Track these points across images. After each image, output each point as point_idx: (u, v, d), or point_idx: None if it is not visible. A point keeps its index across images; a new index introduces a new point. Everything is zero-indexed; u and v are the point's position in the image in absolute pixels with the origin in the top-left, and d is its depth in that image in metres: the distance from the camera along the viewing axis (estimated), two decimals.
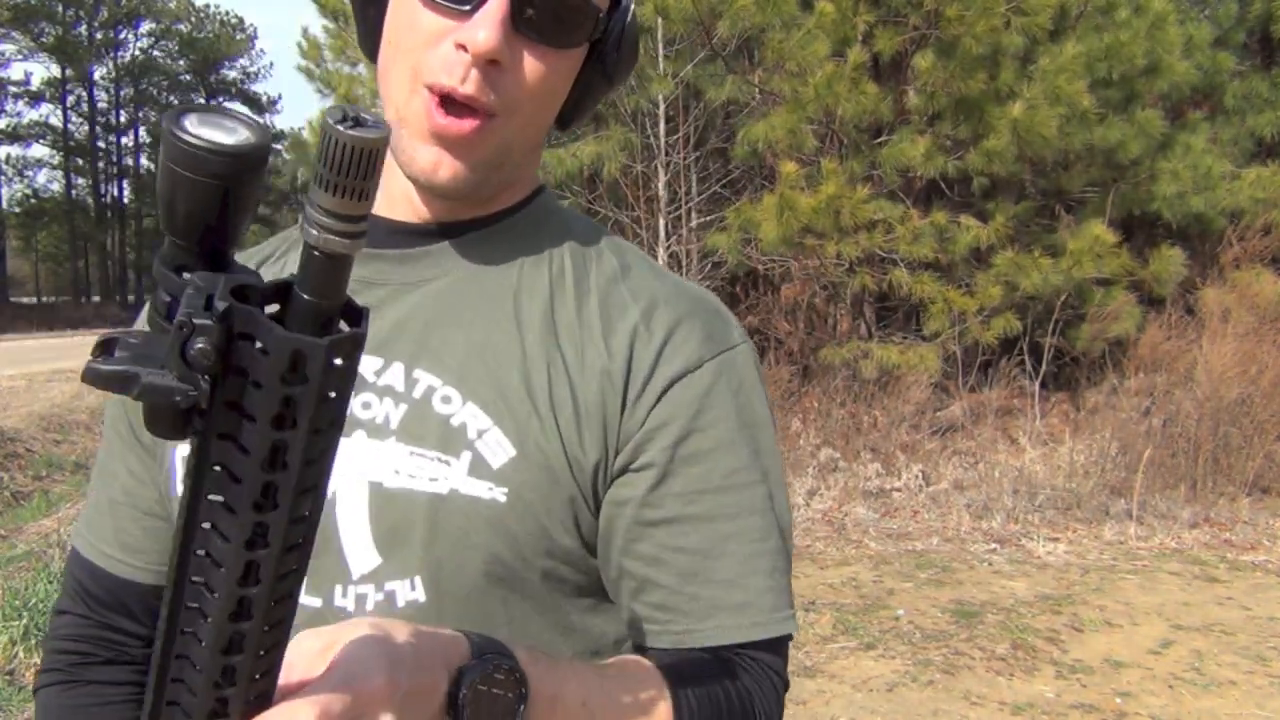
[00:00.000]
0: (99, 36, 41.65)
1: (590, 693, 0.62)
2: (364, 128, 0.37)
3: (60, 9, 39.35)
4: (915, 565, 5.41)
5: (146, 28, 43.41)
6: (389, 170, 0.77)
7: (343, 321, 0.42)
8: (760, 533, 0.74)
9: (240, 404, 0.40)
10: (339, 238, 0.38)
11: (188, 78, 44.89)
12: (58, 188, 42.58)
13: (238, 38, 44.73)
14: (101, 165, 43.27)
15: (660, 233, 8.34)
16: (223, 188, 0.39)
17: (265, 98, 46.48)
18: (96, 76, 42.20)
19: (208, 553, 0.44)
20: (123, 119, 43.52)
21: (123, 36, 42.71)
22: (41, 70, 53.87)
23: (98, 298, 42.19)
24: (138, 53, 43.40)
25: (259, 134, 0.40)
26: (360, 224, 0.38)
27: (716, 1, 7.43)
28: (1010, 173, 7.82)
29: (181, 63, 44.45)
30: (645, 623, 0.74)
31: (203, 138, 0.38)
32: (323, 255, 0.39)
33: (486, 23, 0.68)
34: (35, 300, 44.40)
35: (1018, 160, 7.64)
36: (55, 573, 4.43)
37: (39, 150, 54.10)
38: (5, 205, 41.38)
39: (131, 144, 44.44)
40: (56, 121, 41.31)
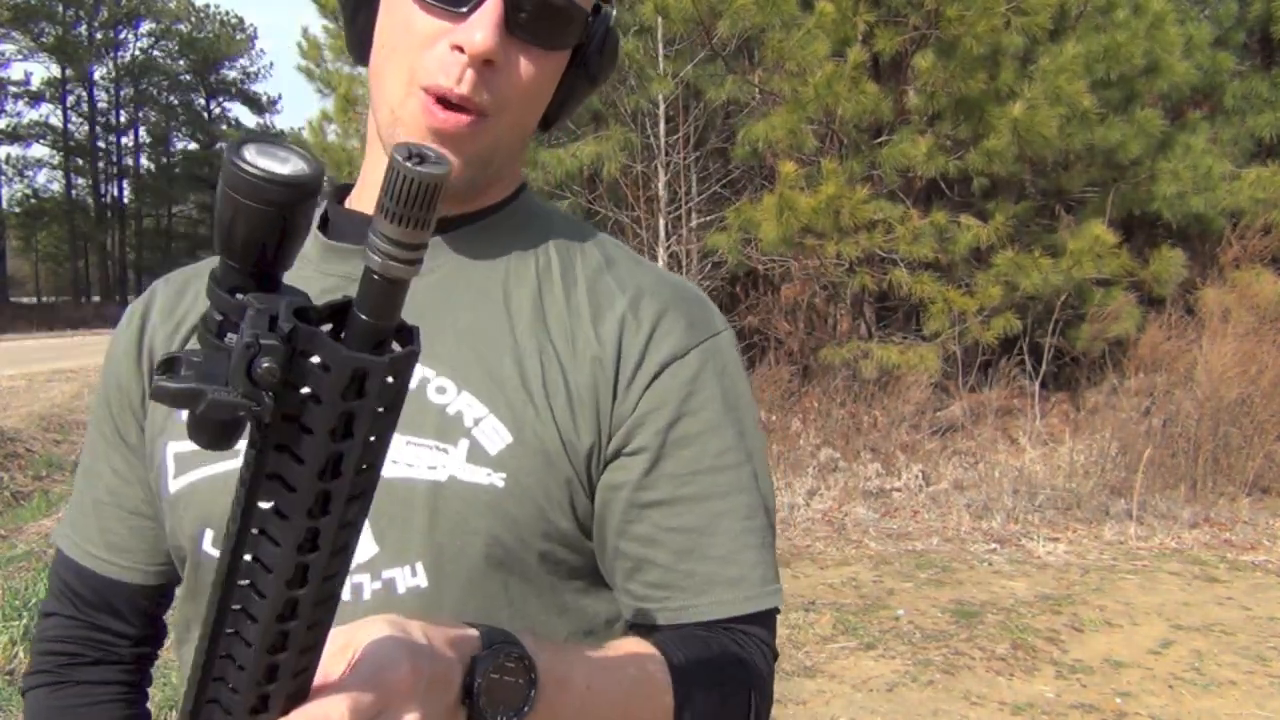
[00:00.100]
0: (99, 36, 41.67)
1: (594, 675, 0.65)
2: (428, 164, 0.39)
3: (60, 9, 39.37)
4: (915, 565, 5.41)
5: (146, 28, 43.47)
6: (374, 173, 0.79)
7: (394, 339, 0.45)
8: (748, 510, 0.77)
9: (299, 417, 0.43)
10: (400, 264, 0.40)
11: (188, 78, 44.92)
12: (58, 188, 42.64)
13: (238, 38, 44.76)
14: (101, 165, 43.29)
15: (660, 233, 8.34)
16: (278, 214, 0.42)
17: (265, 98, 46.58)
18: (96, 76, 42.26)
19: (256, 557, 0.46)
20: (123, 119, 43.56)
21: (123, 36, 42.75)
22: (41, 70, 53.90)
23: (98, 298, 42.19)
24: (138, 53, 43.45)
25: (312, 165, 0.43)
26: (420, 252, 0.41)
27: (716, 1, 7.43)
28: (1010, 173, 7.83)
29: (181, 63, 44.48)
30: (643, 602, 0.76)
31: (261, 167, 0.41)
32: (383, 280, 0.41)
33: (483, 24, 0.70)
34: (35, 300, 44.41)
35: (1018, 160, 7.64)
36: None
37: (39, 150, 54.15)
38: (5, 205, 41.41)
39: (131, 144, 44.49)
40: (56, 121, 41.38)
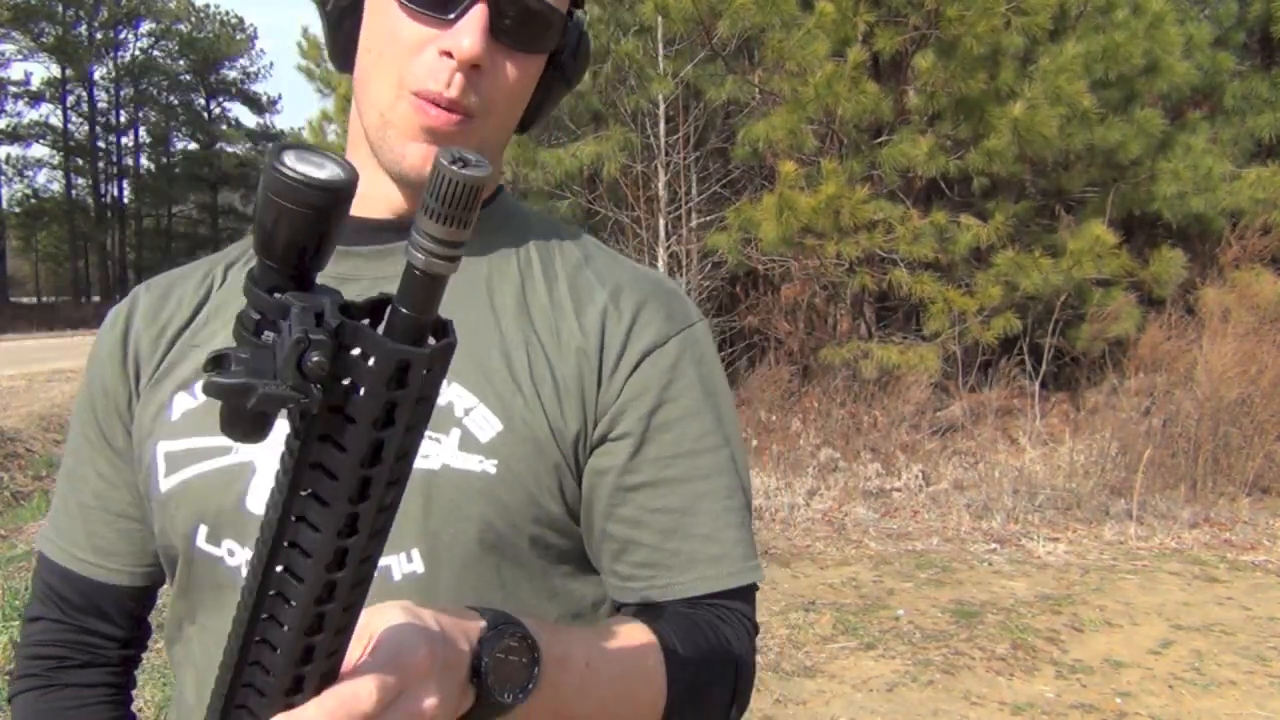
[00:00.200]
0: (99, 36, 41.66)
1: (592, 653, 0.68)
2: (470, 167, 0.42)
3: (60, 9, 39.36)
4: (915, 565, 5.41)
5: (146, 28, 43.45)
6: (365, 173, 0.81)
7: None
8: (728, 490, 0.81)
9: (343, 408, 0.45)
10: (443, 261, 0.43)
11: (188, 78, 44.91)
12: (58, 188, 42.62)
13: (238, 38, 44.76)
14: (101, 165, 43.27)
15: (660, 233, 8.34)
16: (317, 217, 0.44)
17: (265, 98, 46.59)
18: (96, 76, 42.24)
19: (294, 543, 0.48)
20: (123, 119, 43.54)
21: (123, 36, 42.73)
22: (41, 70, 53.93)
23: (98, 298, 42.17)
24: (138, 53, 43.42)
25: (347, 170, 0.45)
26: (460, 249, 0.43)
27: (716, 1, 7.43)
28: (1010, 172, 7.83)
29: (181, 63, 44.47)
30: (630, 581, 0.79)
31: (300, 172, 0.43)
32: (425, 275, 0.43)
33: (470, 31, 0.73)
34: (35, 300, 44.42)
35: (1018, 160, 7.64)
36: None
37: (39, 150, 54.16)
38: (5, 205, 41.40)
39: (131, 144, 44.48)
40: (56, 121, 41.36)
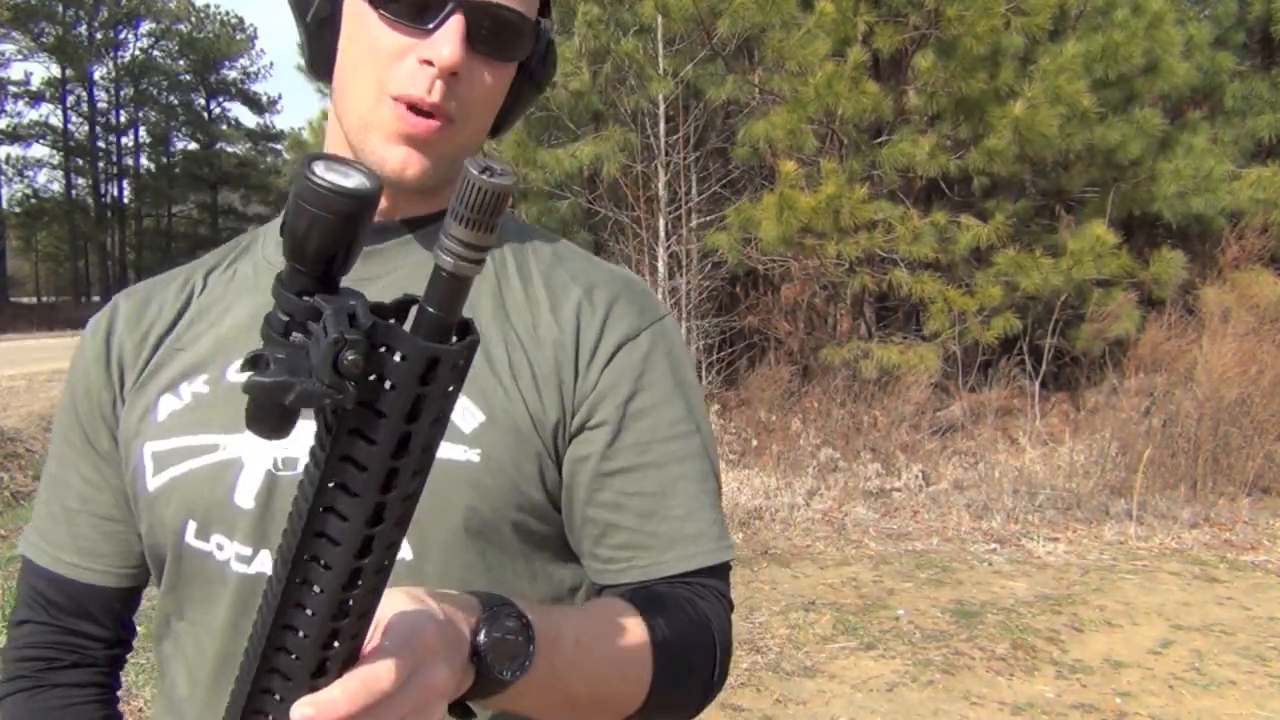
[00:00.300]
0: (99, 36, 41.65)
1: (581, 631, 0.71)
2: (497, 176, 0.44)
3: (60, 9, 39.34)
4: (915, 565, 5.41)
5: (146, 28, 43.42)
6: None
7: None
8: (701, 474, 0.85)
9: (373, 403, 0.47)
10: (470, 264, 0.45)
11: (188, 78, 44.90)
12: (58, 188, 42.60)
13: (238, 38, 44.72)
14: (101, 165, 43.25)
15: (660, 233, 8.34)
16: (344, 223, 0.47)
17: (265, 98, 46.62)
18: (96, 76, 42.22)
19: (322, 532, 0.50)
20: (123, 119, 43.52)
21: (123, 36, 42.71)
22: (41, 70, 53.95)
23: (98, 298, 42.14)
24: (138, 53, 43.39)
25: (372, 179, 0.48)
26: (485, 253, 0.45)
27: (717, 1, 7.43)
28: (1010, 172, 7.83)
29: (181, 63, 44.45)
30: (611, 563, 0.83)
31: (330, 181, 0.46)
32: (453, 277, 0.45)
33: (449, 40, 0.76)
34: (35, 300, 44.41)
35: (1018, 160, 7.64)
36: None
37: (39, 150, 54.18)
38: (5, 205, 41.38)
39: (131, 144, 44.45)
40: (56, 121, 41.33)
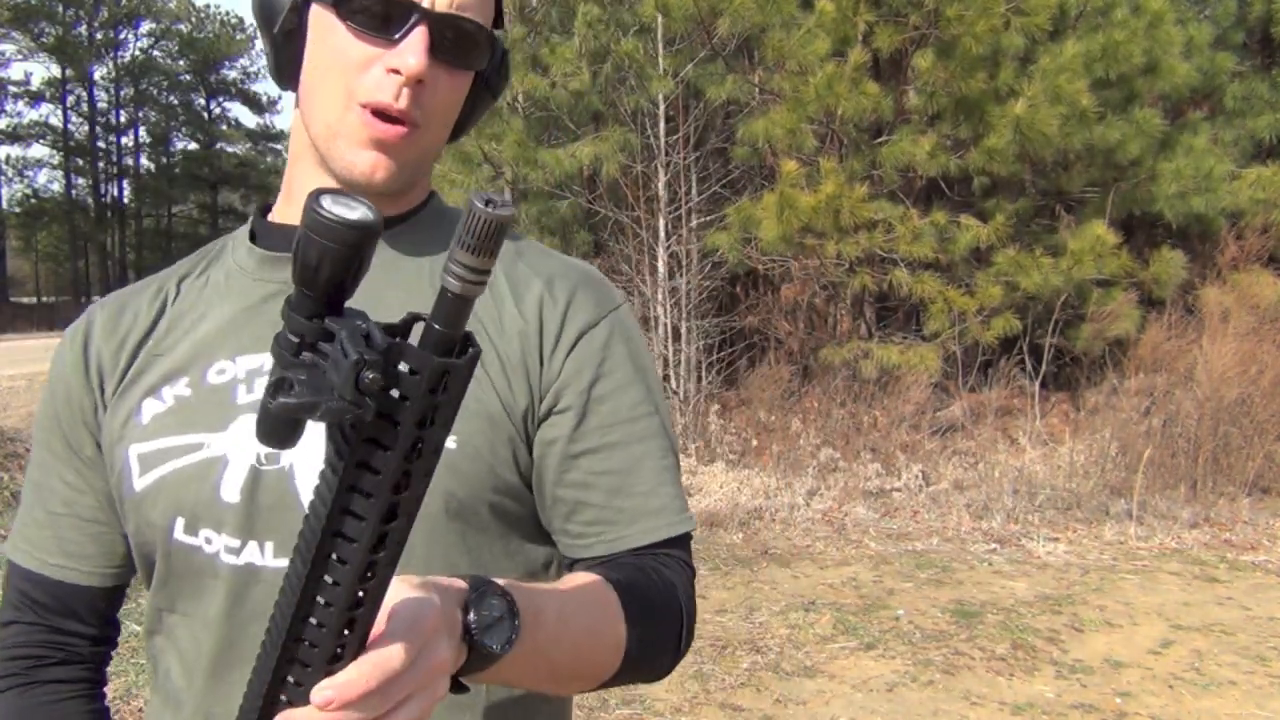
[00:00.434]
0: (99, 36, 41.65)
1: (562, 605, 0.75)
2: (499, 207, 0.48)
3: (60, 9, 39.34)
4: (915, 565, 5.41)
5: (146, 28, 43.43)
6: (312, 183, 0.88)
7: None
8: (661, 451, 0.90)
9: (388, 414, 0.51)
10: (475, 285, 0.49)
11: (188, 78, 44.90)
12: (58, 188, 42.61)
13: (238, 38, 44.70)
14: (101, 165, 43.25)
15: (660, 233, 8.34)
16: (351, 253, 0.51)
17: (265, 98, 46.52)
18: (96, 76, 42.22)
19: (340, 532, 0.54)
20: (123, 119, 43.52)
21: (123, 36, 42.71)
22: (41, 70, 53.96)
23: (98, 297, 41.89)
24: (138, 53, 43.40)
25: (374, 211, 0.51)
26: (487, 275, 0.49)
27: (717, 0, 7.43)
28: (1010, 172, 7.82)
29: (181, 63, 44.45)
30: (580, 539, 0.88)
31: (336, 214, 0.50)
32: (459, 298, 0.49)
33: (415, 50, 0.80)
34: (35, 300, 44.39)
35: (1018, 159, 7.64)
36: None
37: (39, 150, 54.15)
38: (5, 205, 41.39)
39: (131, 144, 44.45)
40: (56, 121, 41.34)
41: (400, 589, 0.61)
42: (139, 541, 0.88)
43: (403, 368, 0.51)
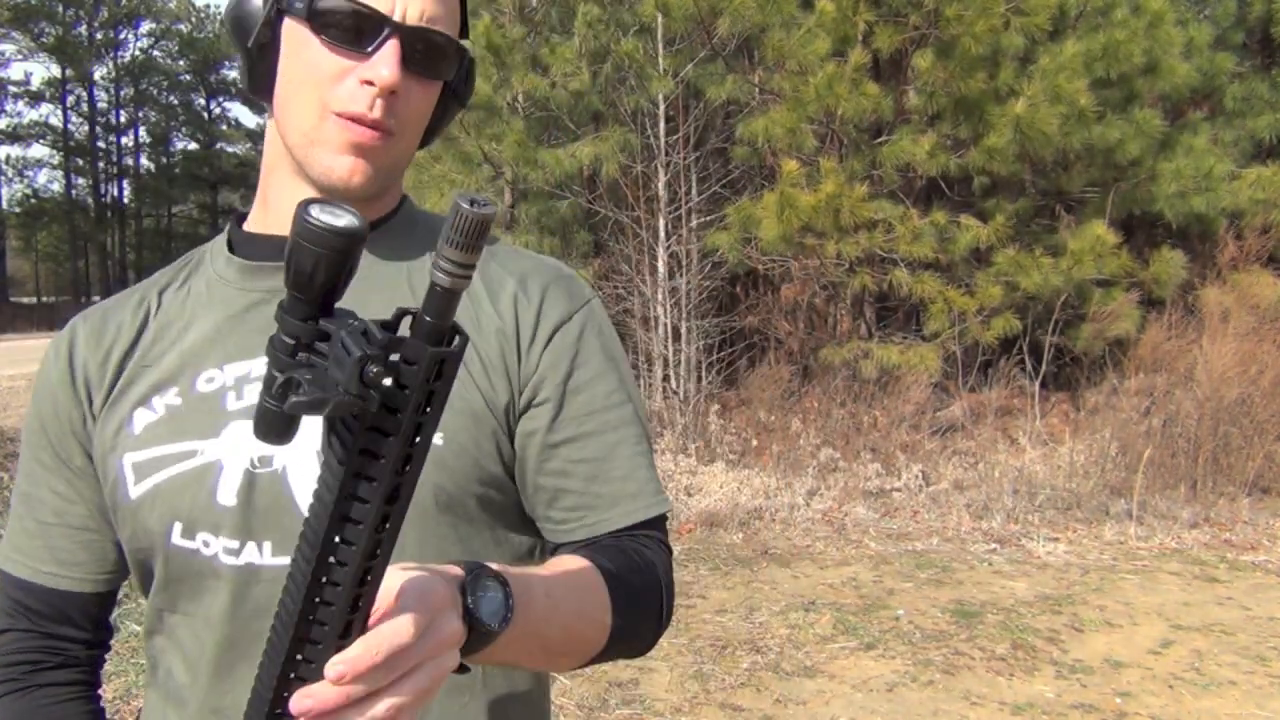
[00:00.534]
0: (99, 36, 41.64)
1: (550, 586, 0.78)
2: (482, 207, 0.51)
3: (60, 9, 39.34)
4: (915, 565, 5.41)
5: (146, 28, 43.43)
6: (289, 196, 0.91)
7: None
8: (635, 438, 0.94)
9: (389, 403, 0.54)
10: (462, 279, 0.52)
11: (188, 78, 44.89)
12: (58, 188, 42.60)
13: None
14: (101, 165, 43.25)
15: (660, 233, 8.33)
16: (340, 258, 0.54)
17: None
18: (96, 76, 42.20)
19: (347, 516, 0.57)
20: (123, 119, 43.52)
21: (123, 36, 42.71)
22: (41, 70, 53.95)
23: (98, 297, 41.97)
24: (138, 53, 43.40)
25: (360, 219, 0.54)
26: (473, 270, 0.52)
27: (717, 0, 7.43)
28: (1010, 172, 7.82)
29: (181, 63, 44.45)
30: (563, 524, 0.92)
31: (324, 222, 0.53)
32: (448, 292, 0.53)
33: (389, 62, 0.84)
34: (35, 300, 44.37)
35: (1018, 159, 7.64)
36: None
37: (39, 150, 54.16)
38: (5, 205, 41.38)
39: (131, 144, 44.44)
40: (56, 121, 41.33)
41: (402, 571, 0.64)
42: (135, 547, 0.90)
43: (393, 358, 0.54)
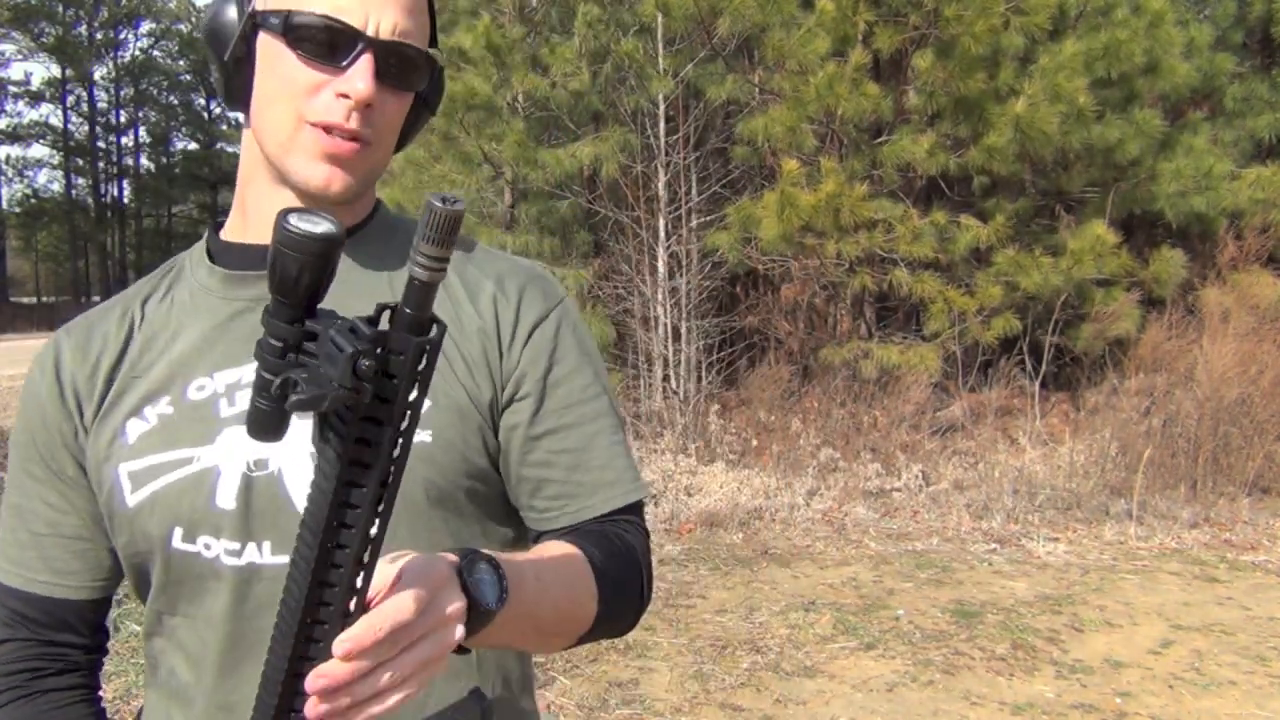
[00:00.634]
0: (99, 36, 41.62)
1: (539, 570, 0.82)
2: (453, 205, 0.55)
3: (60, 9, 39.32)
4: (915, 565, 5.41)
5: (146, 28, 43.39)
6: (267, 205, 0.94)
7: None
8: (612, 428, 0.99)
9: (380, 392, 0.58)
10: (439, 272, 0.56)
11: (188, 78, 44.87)
12: (58, 188, 42.56)
13: None
14: (101, 165, 43.21)
15: (660, 233, 8.33)
16: (319, 262, 0.58)
17: None
18: (96, 76, 42.17)
19: (346, 502, 0.60)
20: (123, 119, 43.48)
21: (123, 36, 42.68)
22: (41, 70, 53.95)
23: (98, 297, 42.05)
24: (138, 53, 43.35)
25: (337, 224, 0.58)
26: (447, 263, 0.56)
27: (717, 0, 7.43)
28: (1010, 172, 7.82)
29: (181, 63, 44.42)
30: (546, 512, 0.96)
31: (303, 229, 0.57)
32: (425, 285, 0.56)
33: (363, 76, 0.86)
34: (35, 300, 44.35)
35: (1018, 158, 7.64)
36: None
37: (39, 150, 54.16)
38: (5, 205, 41.37)
39: (131, 144, 44.41)
40: (56, 121, 41.30)
41: (402, 555, 0.68)
42: (133, 552, 0.92)
43: (392, 351, 0.58)
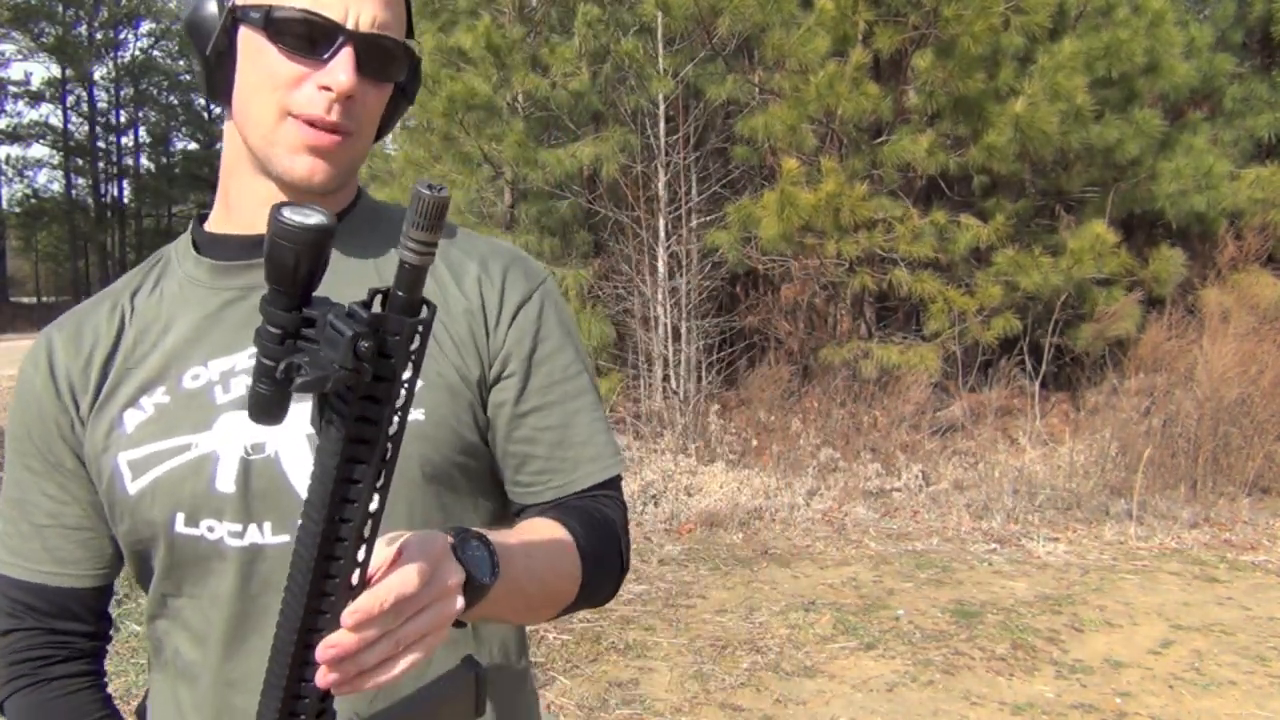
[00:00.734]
0: (99, 36, 41.61)
1: (525, 544, 0.86)
2: (440, 191, 0.58)
3: (60, 9, 39.31)
4: (915, 565, 5.40)
5: (146, 28, 43.35)
6: (251, 195, 0.97)
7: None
8: (593, 405, 1.03)
9: (378, 371, 0.61)
10: (429, 256, 0.59)
11: (188, 78, 44.85)
12: (58, 188, 42.52)
13: None
14: (101, 165, 43.19)
15: (660, 233, 8.33)
16: (313, 252, 0.60)
17: None
18: (96, 76, 42.15)
19: (349, 478, 0.63)
20: (123, 119, 43.45)
21: (123, 36, 42.66)
22: (41, 70, 53.96)
23: None
24: (138, 53, 43.32)
25: (328, 215, 0.61)
26: (435, 248, 0.59)
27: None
28: (1010, 171, 7.82)
29: (181, 63, 44.38)
30: (531, 487, 1.00)
31: (296, 221, 0.60)
32: (415, 268, 0.59)
33: (345, 69, 0.88)
34: (35, 300, 44.35)
35: (1018, 158, 7.63)
36: None
37: (39, 150, 54.16)
38: (5, 205, 41.35)
39: (131, 144, 44.39)
40: (56, 121, 41.26)
41: (404, 534, 0.70)
42: (135, 539, 0.94)
43: (386, 332, 0.60)
